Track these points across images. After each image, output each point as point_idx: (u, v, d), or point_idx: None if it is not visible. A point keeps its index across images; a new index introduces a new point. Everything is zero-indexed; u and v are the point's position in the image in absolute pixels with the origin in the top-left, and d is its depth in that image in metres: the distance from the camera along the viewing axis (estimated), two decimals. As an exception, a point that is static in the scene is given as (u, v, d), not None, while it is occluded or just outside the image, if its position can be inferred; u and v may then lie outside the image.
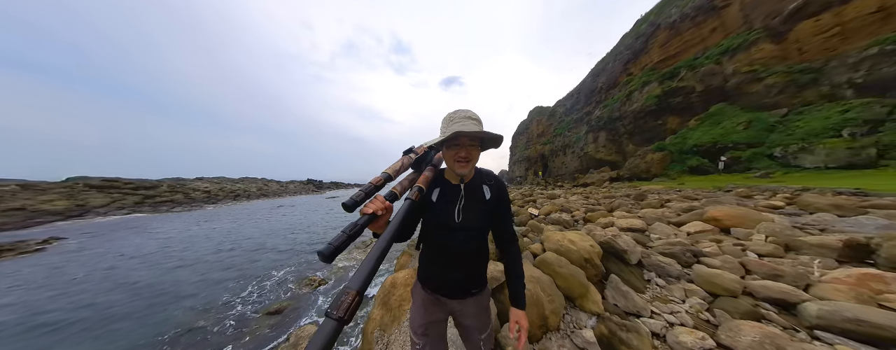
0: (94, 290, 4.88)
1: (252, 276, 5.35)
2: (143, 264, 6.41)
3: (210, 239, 9.10)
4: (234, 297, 4.37)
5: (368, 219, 0.60)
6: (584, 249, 2.42)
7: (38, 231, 10.00)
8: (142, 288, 4.93)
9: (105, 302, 4.36)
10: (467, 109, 0.84)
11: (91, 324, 3.70)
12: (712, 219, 3.43)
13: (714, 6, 22.35)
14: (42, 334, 3.51)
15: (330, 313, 0.37)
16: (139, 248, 7.89)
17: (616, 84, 32.26)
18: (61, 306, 4.29)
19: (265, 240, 8.75)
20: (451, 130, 0.77)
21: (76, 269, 6.18)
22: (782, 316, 1.65)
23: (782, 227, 2.76)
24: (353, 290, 0.40)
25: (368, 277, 0.42)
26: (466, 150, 0.81)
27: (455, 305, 0.95)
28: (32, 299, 4.61)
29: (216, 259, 6.76)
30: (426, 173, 0.82)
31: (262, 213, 18.11)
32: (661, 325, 1.69)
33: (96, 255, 7.36)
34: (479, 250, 0.93)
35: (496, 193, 0.91)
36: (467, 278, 0.93)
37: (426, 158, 0.89)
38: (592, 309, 1.83)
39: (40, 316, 3.99)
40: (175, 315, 3.83)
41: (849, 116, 12.49)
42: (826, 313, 1.48)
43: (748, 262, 2.24)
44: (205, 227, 11.41)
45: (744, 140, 15.81)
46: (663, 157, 19.37)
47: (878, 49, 13.11)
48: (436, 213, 0.87)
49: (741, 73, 18.80)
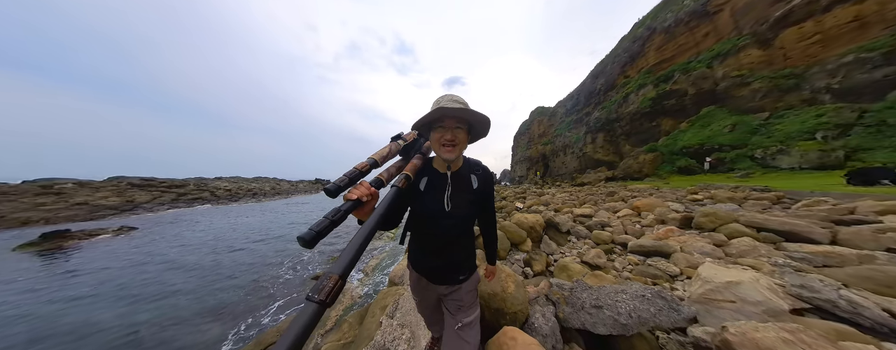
0: (188, 263, 6.48)
1: (292, 255, 6.86)
2: (206, 247, 8.04)
3: (251, 227, 10.80)
4: (283, 268, 5.82)
5: (353, 205, 0.58)
6: (533, 222, 3.82)
7: (105, 223, 11.84)
8: (216, 263, 6.51)
9: (198, 270, 5.94)
10: (454, 94, 0.83)
11: (205, 281, 5.23)
12: (635, 207, 4.83)
13: (707, 11, 23.17)
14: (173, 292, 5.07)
15: (311, 297, 0.37)
16: (196, 236, 9.58)
17: (614, 86, 33.12)
18: (174, 273, 5.90)
19: (294, 228, 10.38)
20: (433, 109, 0.77)
21: (165, 248, 7.84)
22: (621, 250, 3.07)
23: (667, 210, 4.14)
24: (335, 275, 0.40)
25: (351, 263, 0.43)
26: (452, 133, 0.80)
27: (442, 290, 0.98)
28: (152, 264, 6.23)
29: (262, 242, 8.35)
30: (414, 161, 0.82)
31: (282, 208, 19.90)
32: (561, 258, 3.11)
33: (171, 238, 9.05)
34: (466, 237, 0.96)
35: (483, 183, 0.93)
36: (455, 265, 0.95)
37: (415, 146, 0.90)
38: (524, 249, 3.26)
39: (173, 270, 5.59)
40: (246, 278, 5.32)
41: (822, 120, 13.44)
42: (634, 245, 2.89)
43: (629, 228, 3.64)
44: (240, 220, 13.15)
45: (729, 142, 16.75)
46: (654, 157, 20.37)
47: (854, 57, 13.99)
48: (424, 202, 0.86)
49: (730, 78, 19.70)
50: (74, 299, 4.43)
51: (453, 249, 0.93)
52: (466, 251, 0.97)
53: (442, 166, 0.89)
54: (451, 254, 0.93)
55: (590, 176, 25.78)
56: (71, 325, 3.62)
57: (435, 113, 0.75)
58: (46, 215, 12.34)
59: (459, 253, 0.95)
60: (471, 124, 0.83)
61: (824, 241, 2.46)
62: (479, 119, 0.80)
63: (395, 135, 0.85)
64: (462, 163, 0.91)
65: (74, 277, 5.52)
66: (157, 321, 3.65)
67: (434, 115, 0.76)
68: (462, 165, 0.91)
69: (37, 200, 13.09)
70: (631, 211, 4.82)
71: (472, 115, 0.78)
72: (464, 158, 0.92)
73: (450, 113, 0.76)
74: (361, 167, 0.66)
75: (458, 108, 0.76)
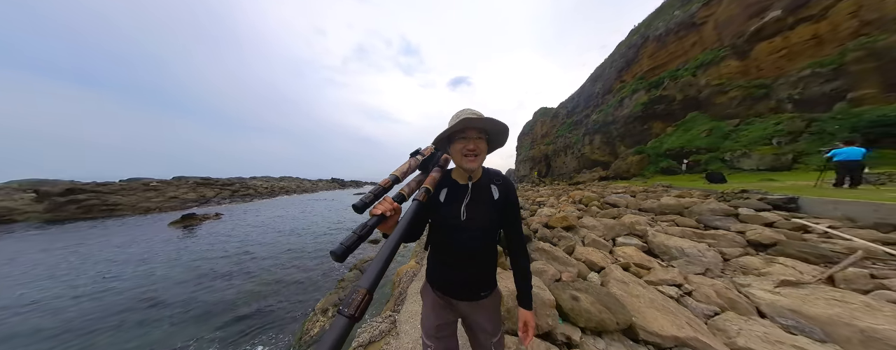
0: (273, 240, 9.44)
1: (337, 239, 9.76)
2: (281, 228, 11.03)
3: (303, 214, 13.87)
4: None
5: (378, 220, 0.63)
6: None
7: (199, 210, 15.25)
8: (294, 239, 9.45)
9: (283, 243, 8.84)
10: (472, 108, 0.87)
11: (293, 249, 8.13)
12: (587, 197, 7.47)
13: (694, 23, 24.98)
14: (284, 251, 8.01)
15: (342, 311, 0.38)
16: (268, 221, 12.65)
17: (611, 90, 35.01)
18: (263, 246, 8.85)
19: (334, 215, 13.36)
20: (457, 121, 0.80)
21: (250, 230, 10.86)
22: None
23: (601, 196, 6.81)
24: (364, 289, 0.41)
25: (378, 277, 0.44)
26: (474, 143, 0.82)
27: (464, 307, 0.95)
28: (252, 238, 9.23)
29: (313, 226, 11.31)
30: (433, 174, 0.85)
31: (312, 203, 23.17)
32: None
33: (256, 222, 12.17)
34: (485, 250, 0.93)
35: (504, 194, 0.92)
36: (475, 279, 0.93)
37: (433, 159, 0.93)
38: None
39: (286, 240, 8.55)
40: (309, 250, 8.10)
41: (779, 128, 15.53)
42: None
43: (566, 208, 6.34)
44: (292, 210, 16.36)
45: (705, 145, 18.87)
46: (641, 159, 22.55)
47: (811, 71, 15.96)
48: (442, 213, 0.89)
49: (711, 86, 21.65)
50: (219, 244, 7.45)
51: (473, 263, 0.92)
52: (488, 265, 0.95)
53: (461, 177, 0.93)
54: (470, 267, 0.92)
55: (584, 175, 28.00)
56: (230, 257, 6.55)
57: (459, 124, 0.79)
58: (157, 205, 15.93)
59: (479, 267, 0.93)
60: (490, 134, 0.87)
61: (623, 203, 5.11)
62: (500, 129, 0.84)
63: (414, 151, 0.91)
64: (482, 173, 0.94)
65: (213, 238, 8.58)
66: (286, 261, 6.52)
67: (458, 126, 0.80)
68: (482, 176, 0.94)
69: (146, 195, 16.69)
70: (575, 199, 7.50)
71: (494, 124, 0.82)
72: (483, 169, 0.95)
73: (475, 124, 0.80)
74: (384, 184, 0.73)
75: (483, 118, 0.80)
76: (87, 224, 11.82)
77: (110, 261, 6.22)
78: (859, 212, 3.37)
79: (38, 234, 10.39)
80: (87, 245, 7.78)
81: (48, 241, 8.60)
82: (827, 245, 2.67)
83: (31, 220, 12.76)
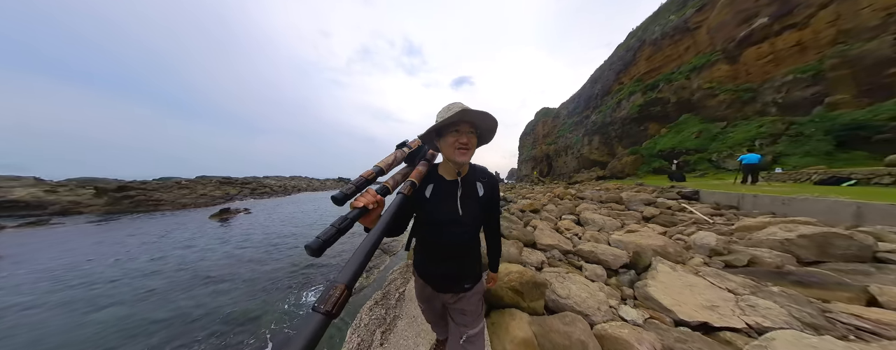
0: (301, 232, 11.18)
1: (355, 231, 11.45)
2: (303, 222, 12.81)
3: (316, 211, 15.71)
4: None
5: (359, 212, 0.60)
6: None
7: (230, 206, 17.42)
8: (318, 231, 11.16)
9: (310, 235, 10.54)
10: (461, 103, 0.85)
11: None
12: (565, 193, 8.92)
13: (688, 27, 25.82)
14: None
15: (317, 307, 0.36)
16: (290, 216, 14.52)
17: (609, 91, 35.90)
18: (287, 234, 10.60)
19: (344, 211, 15.22)
20: (453, 113, 0.78)
21: (278, 222, 12.71)
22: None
23: (580, 192, 8.24)
24: (342, 284, 0.39)
25: (357, 272, 0.42)
26: (467, 137, 0.82)
27: (447, 298, 0.98)
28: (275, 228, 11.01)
29: (330, 220, 13.03)
30: (419, 168, 0.83)
31: (323, 201, 25.14)
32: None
33: (282, 216, 14.03)
34: (472, 244, 0.95)
35: (489, 191, 0.94)
36: (460, 273, 0.95)
37: (420, 153, 0.91)
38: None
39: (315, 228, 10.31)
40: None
41: (761, 131, 16.44)
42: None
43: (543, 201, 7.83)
44: (307, 206, 18.22)
45: (694, 146, 19.83)
46: (635, 159, 23.57)
47: (793, 76, 16.82)
48: (432, 209, 0.87)
49: (703, 89, 22.54)
50: (255, 233, 9.21)
51: (461, 257, 0.94)
52: (473, 259, 0.98)
53: (449, 173, 0.92)
54: (458, 261, 0.93)
55: (582, 175, 29.12)
56: (260, 243, 8.21)
57: (457, 115, 0.78)
58: (192, 201, 18.08)
59: (467, 260, 0.95)
60: (480, 130, 0.87)
61: (599, 197, 6.55)
62: (491, 125, 0.85)
63: (400, 142, 0.87)
64: (469, 169, 0.94)
65: (246, 228, 10.39)
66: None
67: (456, 117, 0.78)
68: (468, 172, 0.93)
69: (181, 192, 18.94)
70: (556, 195, 8.94)
71: (487, 120, 0.82)
72: (470, 165, 0.94)
73: (473, 116, 0.79)
74: (368, 175, 0.68)
75: (479, 111, 0.78)
76: (142, 216, 13.84)
77: (186, 245, 7.90)
78: (719, 198, 4.93)
79: (107, 222, 12.35)
80: (163, 233, 9.55)
81: (130, 229, 10.35)
82: (680, 217, 4.12)
83: (94, 212, 14.99)
